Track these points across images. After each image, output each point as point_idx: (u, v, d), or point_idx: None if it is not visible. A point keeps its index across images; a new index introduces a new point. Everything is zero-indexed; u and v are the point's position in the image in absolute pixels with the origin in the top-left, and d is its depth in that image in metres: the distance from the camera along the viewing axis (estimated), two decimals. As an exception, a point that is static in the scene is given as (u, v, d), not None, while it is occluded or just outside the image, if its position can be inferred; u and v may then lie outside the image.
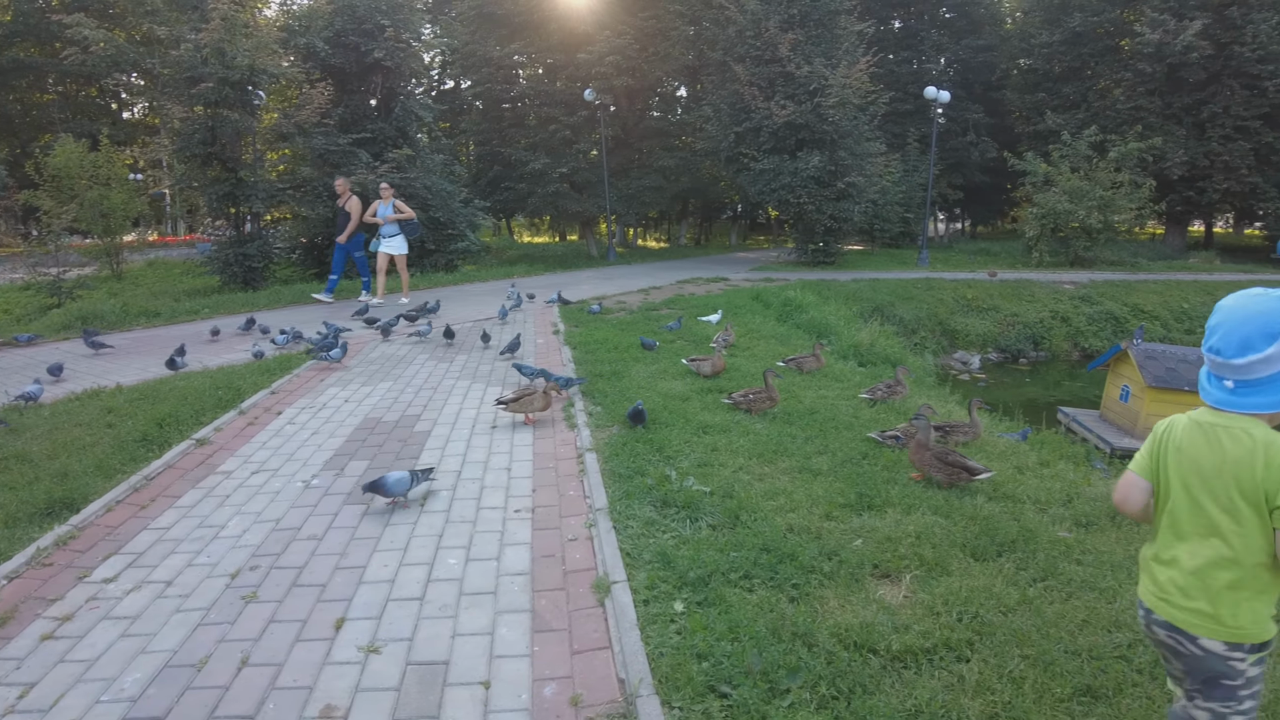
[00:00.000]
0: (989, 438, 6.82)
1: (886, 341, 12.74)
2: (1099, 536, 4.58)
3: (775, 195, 21.68)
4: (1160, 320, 18.73)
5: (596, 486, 4.86)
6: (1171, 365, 10.44)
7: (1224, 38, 26.76)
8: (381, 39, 18.83)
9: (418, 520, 4.51)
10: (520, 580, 3.82)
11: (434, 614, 3.53)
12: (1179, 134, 28.01)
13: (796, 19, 21.23)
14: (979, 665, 3.16)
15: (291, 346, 9.53)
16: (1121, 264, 24.72)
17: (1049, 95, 31.47)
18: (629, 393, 7.23)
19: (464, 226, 20.49)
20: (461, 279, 17.98)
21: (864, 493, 4.93)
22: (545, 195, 25.58)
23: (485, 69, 25.46)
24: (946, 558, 4.10)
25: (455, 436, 6.08)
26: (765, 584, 3.74)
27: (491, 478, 5.20)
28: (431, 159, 20.95)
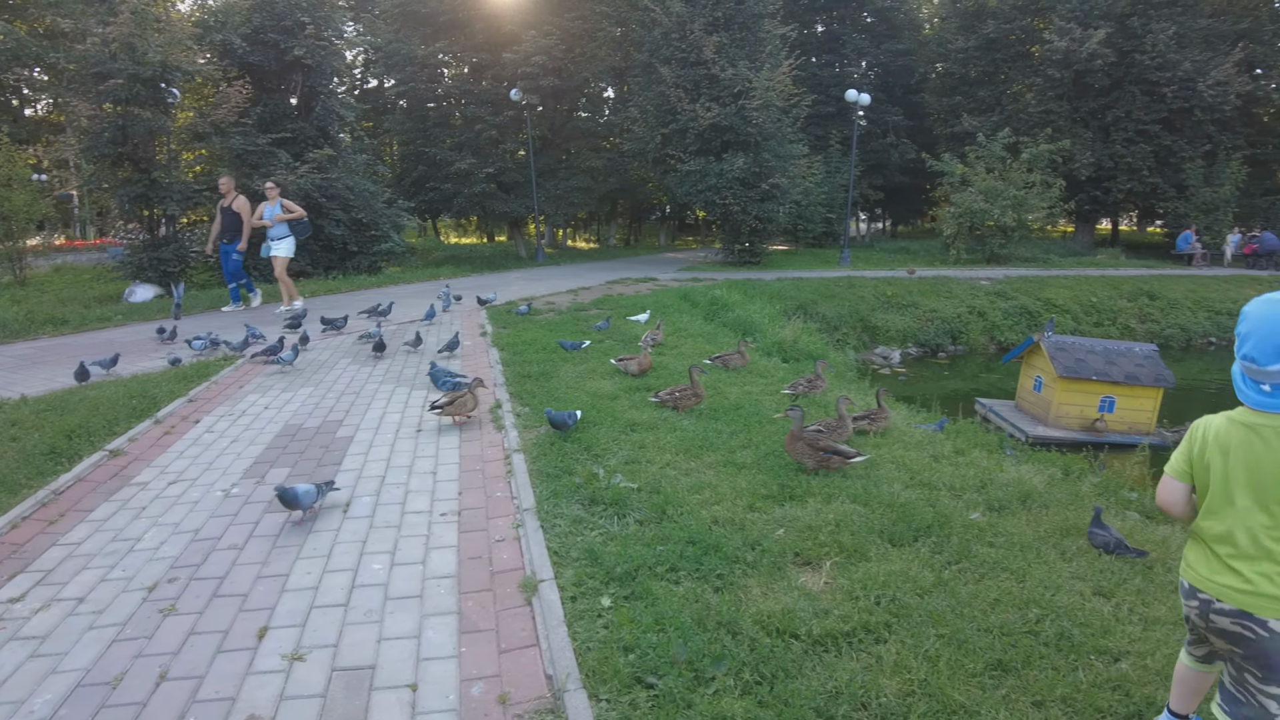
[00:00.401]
0: (906, 429, 7.07)
1: (809, 338, 13.04)
2: (1010, 520, 4.81)
3: (702, 196, 21.91)
4: (1071, 314, 19.58)
5: (524, 487, 4.88)
6: (1080, 356, 10.97)
7: (1126, 46, 28.10)
8: (302, 36, 18.38)
9: (341, 527, 4.47)
10: (446, 583, 3.82)
11: (359, 619, 3.51)
12: (1086, 137, 29.29)
13: (721, 22, 21.48)
14: (896, 646, 3.30)
15: (209, 353, 9.26)
16: (1034, 260, 25.75)
17: (965, 99, 32.54)
18: (557, 393, 7.27)
19: (388, 227, 20.15)
20: (385, 281, 17.69)
21: (786, 484, 5.08)
22: (471, 195, 25.31)
23: (409, 68, 25.03)
24: (865, 544, 4.26)
25: (379, 441, 6.02)
26: (691, 575, 3.83)
27: (417, 482, 5.17)
28: (354, 159, 20.56)
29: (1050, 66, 28.65)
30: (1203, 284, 23.10)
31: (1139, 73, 28.11)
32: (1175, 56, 27.36)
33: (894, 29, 36.84)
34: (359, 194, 19.18)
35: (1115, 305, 20.65)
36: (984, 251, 25.48)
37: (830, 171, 29.72)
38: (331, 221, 18.46)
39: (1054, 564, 4.19)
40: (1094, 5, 28.29)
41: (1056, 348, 11.05)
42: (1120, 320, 20.22)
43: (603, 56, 27.40)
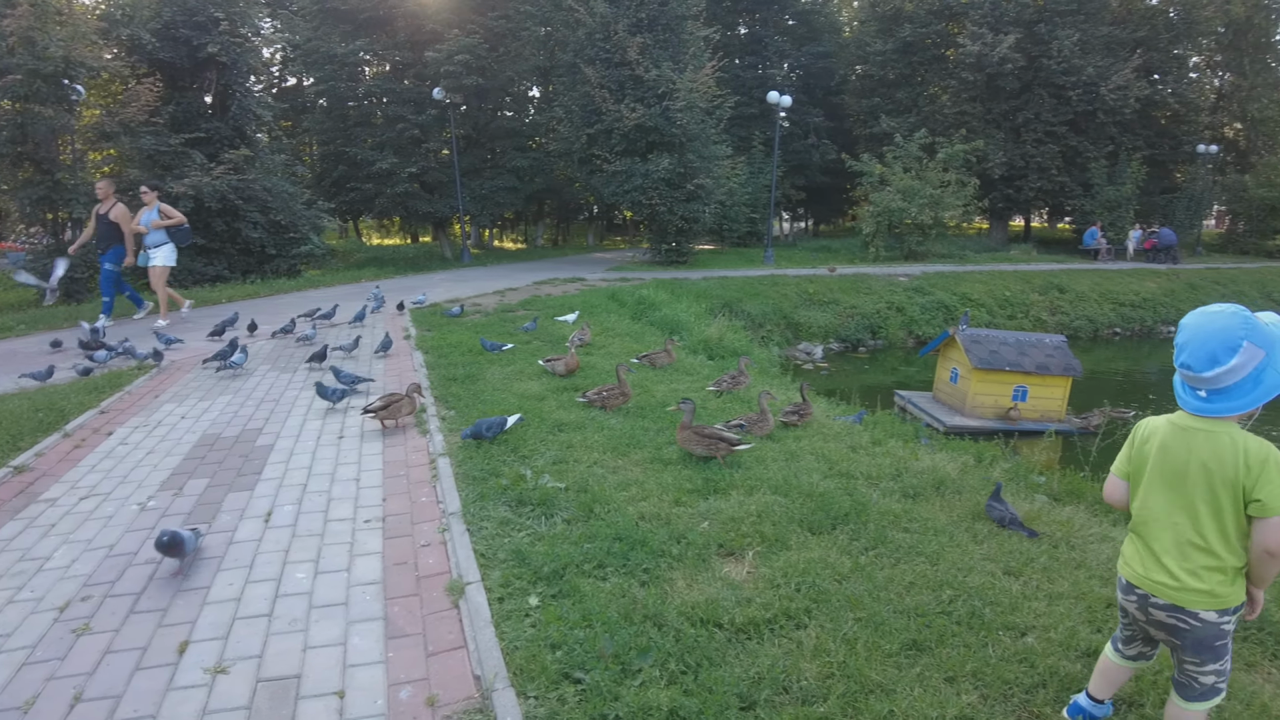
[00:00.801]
0: (827, 421, 7.27)
1: (734, 336, 13.26)
2: (924, 506, 5.01)
3: (628, 197, 22.02)
4: (985, 307, 20.32)
5: (450, 491, 4.87)
6: (994, 348, 11.43)
7: (1034, 51, 29.33)
8: (215, 33, 17.80)
9: (263, 536, 4.39)
10: (372, 589, 3.79)
11: (284, 629, 3.46)
12: (998, 137, 30.45)
13: (645, 23, 21.62)
14: (816, 630, 3.42)
15: (122, 362, 8.93)
16: (950, 257, 26.63)
17: (883, 100, 33.46)
18: (484, 395, 7.24)
19: (307, 229, 19.69)
20: (305, 284, 17.29)
21: (710, 478, 5.18)
22: (394, 196, 24.95)
23: (329, 66, 24.48)
24: (786, 533, 4.40)
25: (300, 449, 5.91)
26: (618, 571, 3.89)
27: (339, 489, 5.10)
28: (272, 159, 20.04)
29: (964, 69, 29.71)
30: (1108, 277, 24.24)
31: (1046, 76, 29.36)
32: (1079, 62, 28.66)
33: (815, 32, 37.59)
34: (277, 195, 18.71)
35: (1027, 299, 21.50)
36: (902, 249, 26.24)
37: (754, 172, 30.17)
38: (249, 224, 17.97)
39: (966, 547, 4.38)
40: (1004, 11, 29.42)
41: (971, 340, 11.49)
42: (1032, 313, 21.07)
43: (527, 56, 27.28)
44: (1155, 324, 22.76)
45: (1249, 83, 36.52)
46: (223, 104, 19.13)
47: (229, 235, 18.01)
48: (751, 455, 5.78)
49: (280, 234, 18.96)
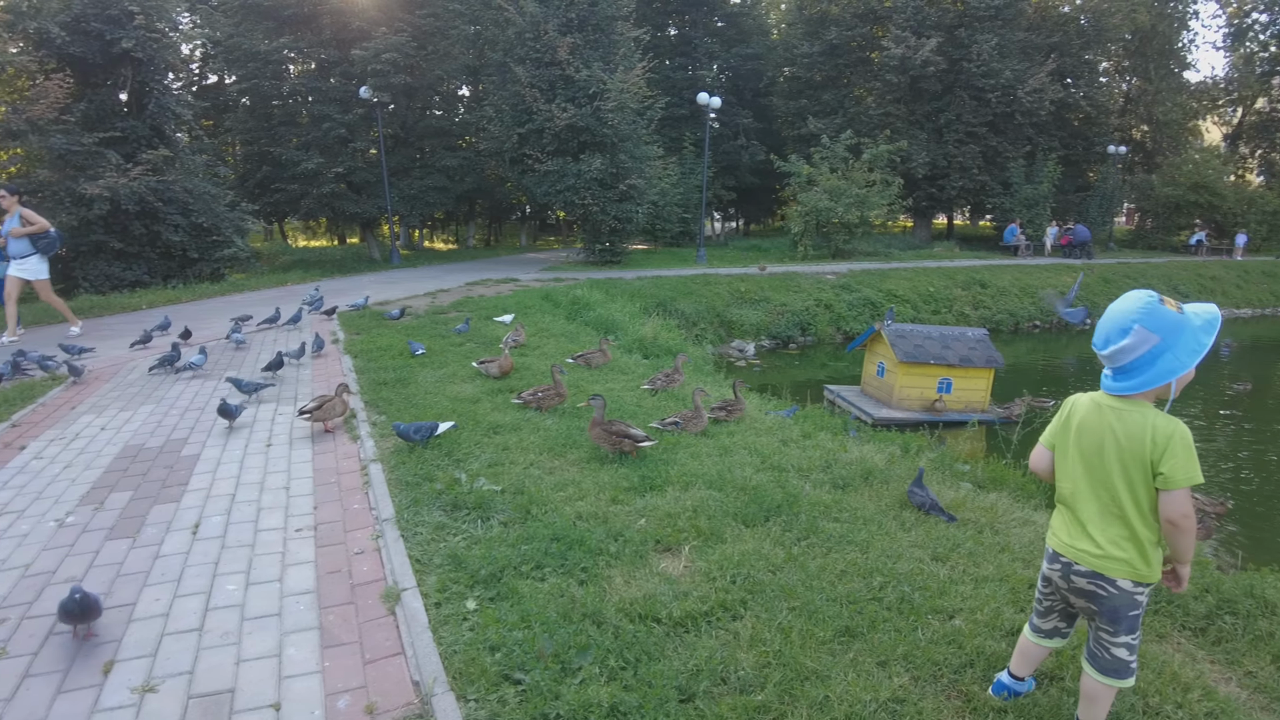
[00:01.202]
0: (759, 416, 7.41)
1: (669, 334, 13.37)
2: (853, 496, 5.16)
3: (561, 197, 21.96)
4: (910, 303, 20.86)
5: (382, 497, 4.82)
6: (919, 342, 11.79)
7: (955, 54, 30.21)
8: (130, 27, 17.10)
9: (190, 549, 4.27)
10: (306, 599, 3.74)
11: (215, 643, 3.39)
12: (921, 138, 31.27)
13: (575, 23, 21.58)
14: (751, 621, 3.50)
15: (31, 373, 8.54)
16: (876, 255, 27.27)
17: (810, 102, 34.01)
18: (416, 399, 7.17)
19: (231, 232, 19.11)
20: (229, 288, 16.81)
21: (646, 475, 5.24)
22: (320, 196, 24.37)
23: (251, 64, 23.70)
24: (721, 527, 4.48)
25: (228, 458, 5.76)
26: (556, 571, 3.91)
27: (269, 498, 5.00)
28: (193, 160, 19.37)
29: (888, 72, 30.41)
30: (1027, 272, 25.14)
31: (967, 79, 30.25)
32: (998, 65, 29.61)
33: (743, 34, 37.99)
34: (199, 197, 18.12)
35: (951, 294, 22.15)
36: (829, 247, 26.74)
37: (685, 173, 30.40)
38: (169, 227, 17.38)
39: (895, 534, 4.53)
40: (926, 16, 30.22)
41: (897, 335, 11.83)
42: (955, 308, 21.72)
43: (456, 55, 26.95)
44: (1072, 317, 23.68)
45: (1154, 87, 38.35)
46: (139, 102, 18.43)
47: (148, 239, 17.37)
48: (686, 451, 5.87)
49: (202, 237, 18.36)
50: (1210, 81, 46.36)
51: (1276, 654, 3.52)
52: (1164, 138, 40.65)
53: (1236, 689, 3.30)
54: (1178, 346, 2.43)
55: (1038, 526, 4.88)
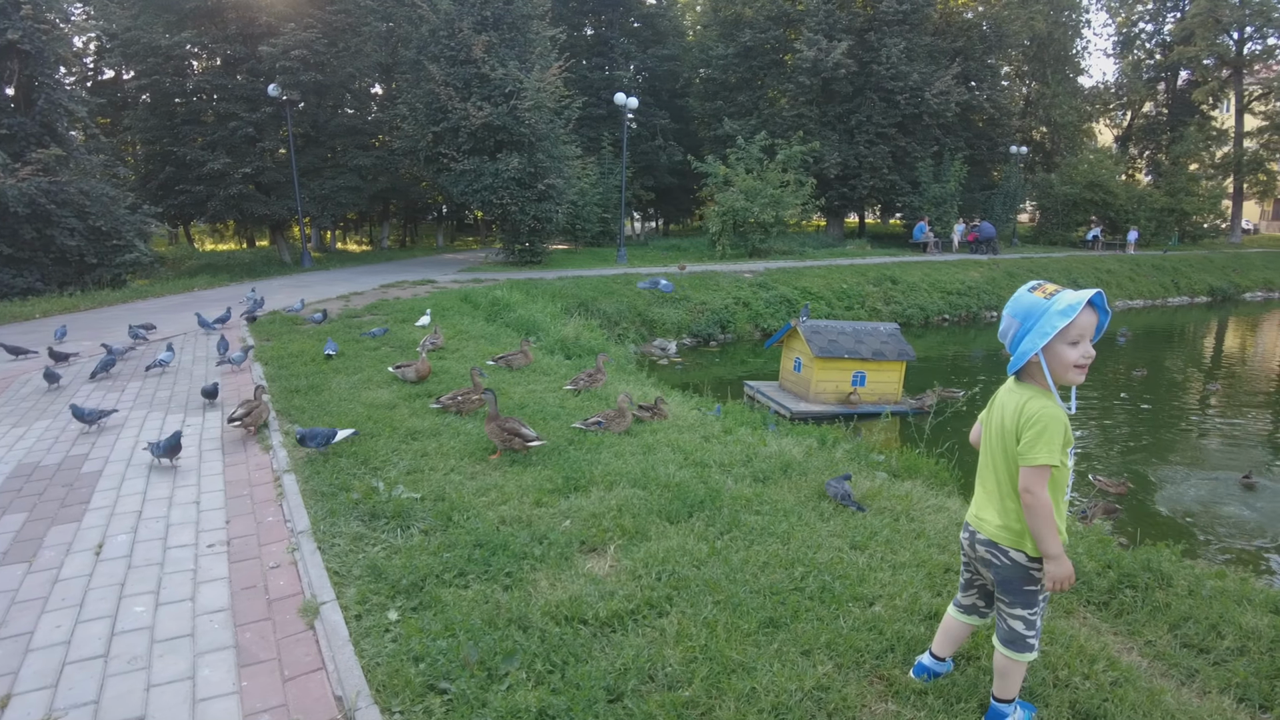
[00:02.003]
0: (684, 413, 7.48)
1: (591, 334, 13.36)
2: (773, 489, 5.26)
3: (478, 196, 21.72)
4: (825, 300, 21.33)
5: (297, 509, 4.69)
6: (833, 337, 12.10)
7: (865, 57, 31.03)
8: (16, 18, 16.16)
9: (94, 571, 4.07)
10: (220, 617, 3.60)
11: (123, 669, 3.23)
12: (833, 139, 32.00)
13: (490, 21, 21.37)
14: (677, 617, 3.52)
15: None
16: (791, 253, 27.79)
17: (726, 103, 34.43)
18: (330, 406, 7.00)
19: (132, 236, 18.28)
20: (132, 295, 16.10)
21: (570, 476, 5.24)
22: (228, 198, 23.50)
23: (152, 59, 22.56)
24: (645, 525, 4.51)
25: (133, 474, 5.51)
26: (480, 577, 3.87)
27: (179, 513, 4.80)
28: (89, 160, 18.46)
29: (801, 74, 31.02)
30: (936, 268, 25.99)
31: (877, 82, 31.09)
32: (906, 68, 30.52)
33: (660, 35, 38.18)
34: (96, 199, 17.28)
35: (863, 290, 22.73)
36: (746, 246, 27.13)
37: (604, 173, 30.42)
38: (64, 231, 16.52)
39: (814, 525, 4.63)
40: (837, 20, 30.95)
41: (812, 331, 12.12)
42: (868, 304, 22.30)
43: (368, 52, 26.35)
44: (980, 310, 24.64)
45: (1051, 91, 40.15)
46: (27, 97, 17.46)
47: (41, 243, 16.48)
48: (610, 450, 5.88)
49: (101, 241, 17.51)
50: (1102, 86, 48.86)
51: (1173, 623, 3.74)
52: (1061, 139, 42.62)
53: (1138, 658, 3.49)
54: (1034, 329, 2.55)
55: (951, 513, 5.05)
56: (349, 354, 9.44)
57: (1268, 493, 9.17)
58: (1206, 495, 9.07)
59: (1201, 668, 3.40)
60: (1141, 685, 3.16)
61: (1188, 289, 31.31)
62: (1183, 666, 3.41)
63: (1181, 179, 39.30)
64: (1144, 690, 3.11)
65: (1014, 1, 35.58)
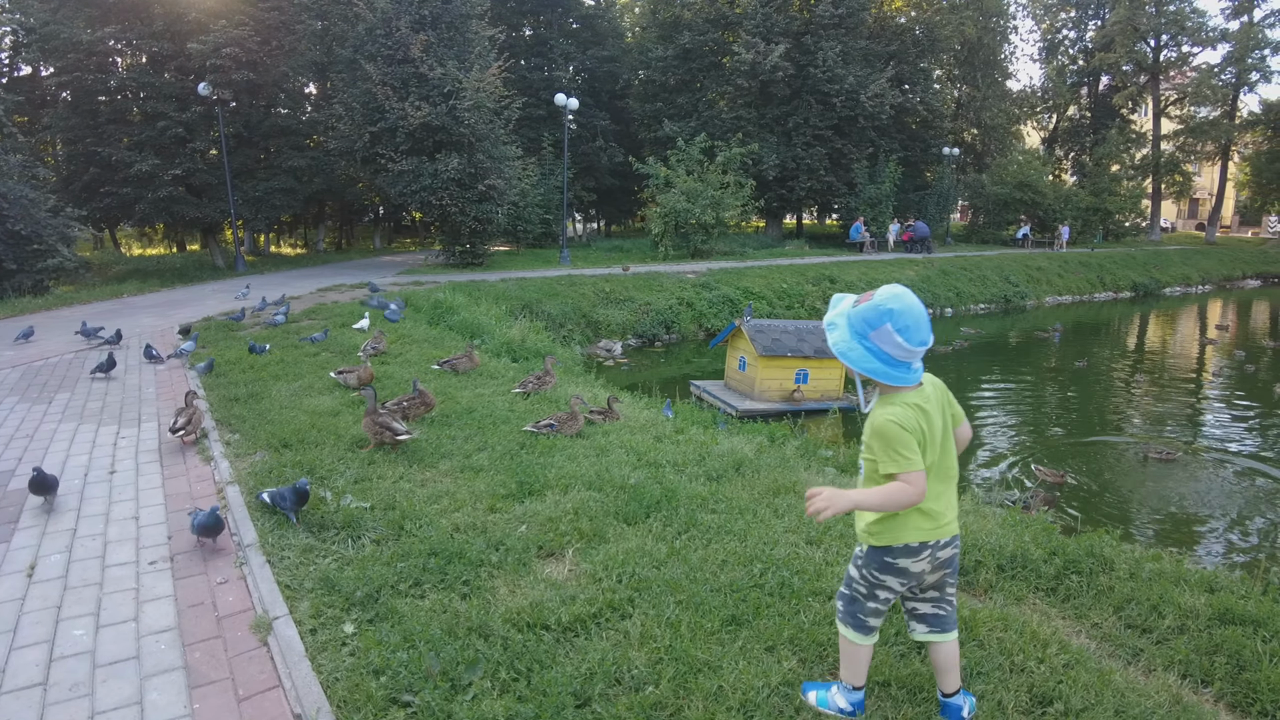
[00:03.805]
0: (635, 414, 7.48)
1: (536, 336, 13.29)
2: (727, 487, 5.29)
3: (417, 197, 21.40)
4: (766, 299, 21.55)
5: (243, 521, 4.54)
6: (776, 336, 12.27)
7: (802, 60, 31.44)
8: (-80, 12, 15.42)
9: (27, 593, 3.87)
10: (166, 637, 3.46)
11: (63, 697, 3.07)
12: (772, 141, 32.36)
13: (428, 20, 21.07)
14: (640, 619, 3.51)
15: None
16: (733, 254, 28.05)
17: (665, 105, 34.52)
18: (270, 415, 6.80)
19: (54, 240, 17.52)
20: (56, 302, 15.43)
21: (524, 481, 5.19)
22: (157, 200, 22.65)
23: (73, 54, 21.53)
24: (603, 527, 4.49)
25: (65, 489, 5.24)
26: (436, 587, 3.80)
27: (117, 529, 4.61)
28: (5, 160, 17.64)
29: (739, 76, 31.31)
30: (873, 267, 26.51)
31: (813, 84, 31.53)
32: (841, 71, 31.02)
33: (599, 36, 38.09)
34: (14, 202, 16.51)
35: (803, 290, 23.04)
36: (688, 247, 27.29)
37: (545, 174, 30.26)
38: (-21, 235, 15.79)
39: (769, 522, 4.67)
40: (774, 23, 31.28)
41: (755, 330, 12.28)
42: (807, 303, 22.62)
43: (303, 50, 25.72)
44: (915, 309, 25.12)
45: (982, 94, 41.30)
46: (-66, 94, 16.63)
47: None
48: (563, 454, 5.84)
49: (21, 246, 16.73)
50: (1029, 90, 50.42)
51: (1117, 605, 3.87)
52: (991, 140, 43.85)
53: (1086, 640, 3.60)
54: (845, 326, 2.61)
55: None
56: (288, 360, 9.20)
57: (1186, 467, 9.85)
58: (1133, 475, 9.60)
59: (1146, 647, 3.52)
60: (1091, 666, 3.25)
61: (1113, 284, 32.52)
62: (1128, 646, 3.53)
63: (1104, 179, 40.75)
64: (1094, 671, 3.20)
65: (945, 7, 36.51)
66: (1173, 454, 10.13)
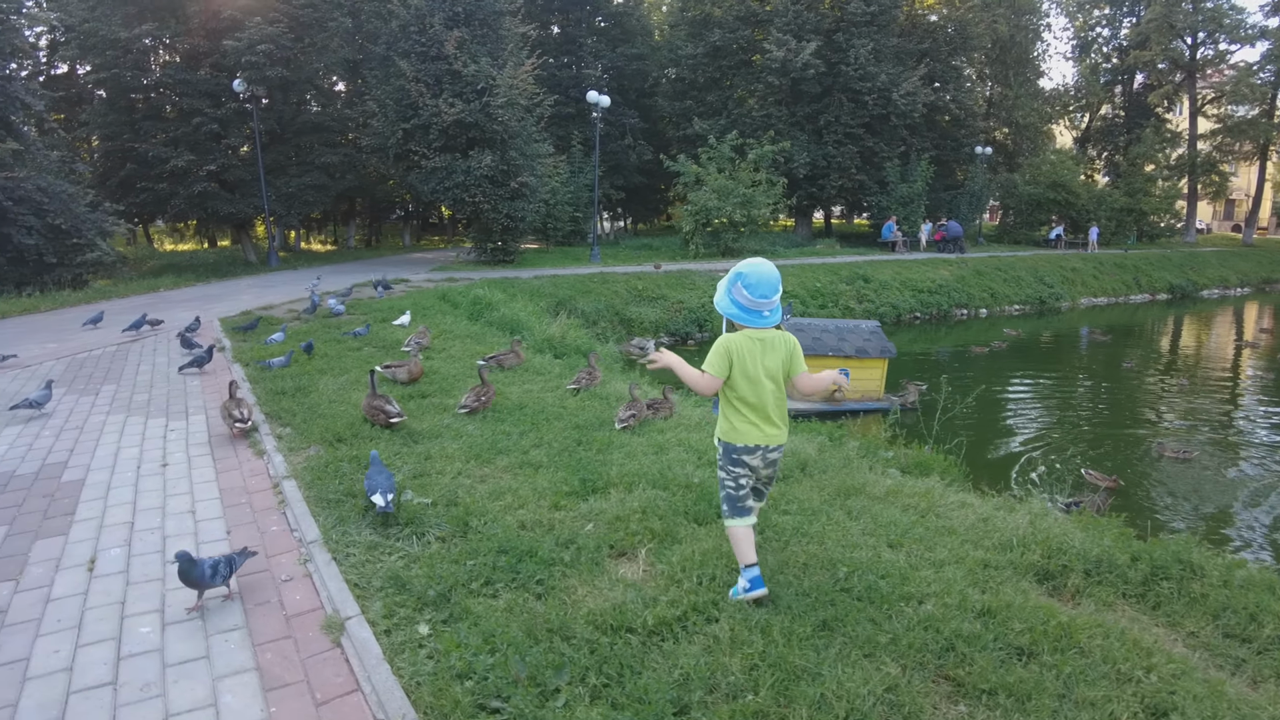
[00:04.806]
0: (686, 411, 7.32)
1: (575, 333, 13.13)
2: (796, 487, 5.11)
3: (449, 194, 21.37)
4: (799, 298, 21.32)
5: (303, 516, 4.42)
6: (817, 335, 12.10)
7: (833, 58, 31.09)
8: (-33, 7, 15.53)
9: (89, 588, 3.76)
10: (235, 636, 3.33)
11: (135, 698, 2.93)
12: (802, 139, 32.03)
13: (462, 17, 21.03)
14: (728, 623, 3.33)
15: None
16: (763, 252, 27.55)
17: (695, 103, 34.29)
18: (320, 409, 6.70)
19: (93, 234, 17.62)
20: (95, 296, 15.52)
21: (586, 478, 5.03)
22: (191, 196, 22.80)
23: (110, 52, 21.67)
24: (674, 527, 4.32)
25: (119, 482, 5.19)
26: (509, 586, 3.66)
27: (174, 524, 4.50)
28: (45, 156, 17.75)
29: (770, 74, 31.02)
30: (906, 267, 26.15)
31: (845, 82, 31.18)
32: (873, 69, 30.65)
33: (627, 34, 37.94)
34: (54, 196, 16.60)
35: (837, 289, 22.78)
36: (719, 246, 27.06)
37: (574, 171, 30.16)
38: (21, 229, 15.85)
39: (844, 524, 4.48)
40: (805, 20, 30.97)
41: (796, 329, 12.11)
42: (841, 302, 22.36)
43: (335, 48, 25.79)
44: (950, 308, 24.86)
45: (1014, 93, 40.68)
46: (-21, 90, 16.77)
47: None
48: (621, 451, 5.68)
49: (61, 240, 16.84)
50: (1062, 89, 49.62)
51: (1213, 614, 3.68)
52: (1023, 139, 43.20)
53: (1184, 649, 3.41)
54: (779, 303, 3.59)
55: (974, 509, 4.95)
56: (331, 354, 9.12)
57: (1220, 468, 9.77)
58: (1164, 473, 9.58)
59: (1248, 657, 3.36)
60: (1199, 677, 3.09)
61: (1149, 286, 31.92)
62: (1230, 656, 3.37)
63: (1139, 180, 40.01)
64: (1204, 682, 3.04)
65: (977, 5, 35.97)
66: (1189, 453, 10.15)
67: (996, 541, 4.39)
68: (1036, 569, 4.12)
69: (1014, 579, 3.96)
